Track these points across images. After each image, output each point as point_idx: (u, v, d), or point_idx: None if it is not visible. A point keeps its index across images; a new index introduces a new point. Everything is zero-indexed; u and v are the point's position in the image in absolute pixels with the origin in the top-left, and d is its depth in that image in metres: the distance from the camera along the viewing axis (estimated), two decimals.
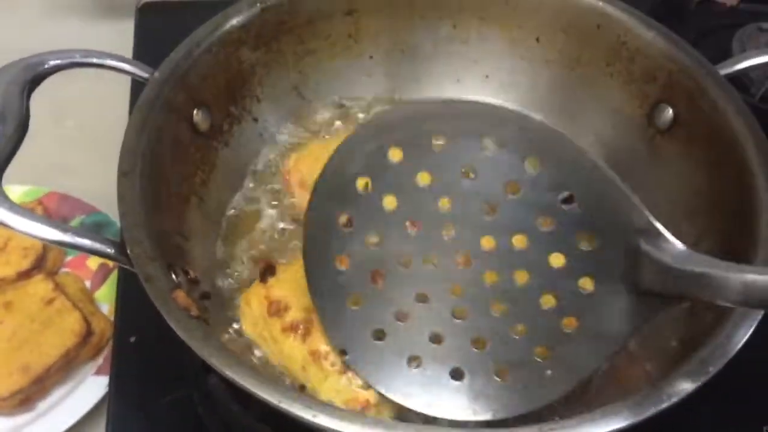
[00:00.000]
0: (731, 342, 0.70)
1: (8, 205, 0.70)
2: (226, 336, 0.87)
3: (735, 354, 0.69)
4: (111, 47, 1.37)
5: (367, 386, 0.80)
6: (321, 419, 0.63)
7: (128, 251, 0.73)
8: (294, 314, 0.83)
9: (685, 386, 0.67)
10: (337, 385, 0.81)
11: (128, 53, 1.36)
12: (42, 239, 0.71)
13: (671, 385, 0.67)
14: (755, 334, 0.71)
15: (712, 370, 0.68)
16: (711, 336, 0.71)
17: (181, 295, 0.71)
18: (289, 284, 0.86)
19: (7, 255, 1.18)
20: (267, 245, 0.96)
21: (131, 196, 0.77)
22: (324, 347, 0.81)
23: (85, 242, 0.72)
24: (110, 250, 0.73)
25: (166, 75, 0.87)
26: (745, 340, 0.70)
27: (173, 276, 0.76)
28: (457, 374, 0.77)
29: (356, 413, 0.69)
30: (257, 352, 0.86)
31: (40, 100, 0.91)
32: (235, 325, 0.88)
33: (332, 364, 0.81)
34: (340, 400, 0.80)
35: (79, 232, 0.73)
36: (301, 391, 0.82)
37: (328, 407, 0.64)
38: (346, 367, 0.80)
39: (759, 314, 0.71)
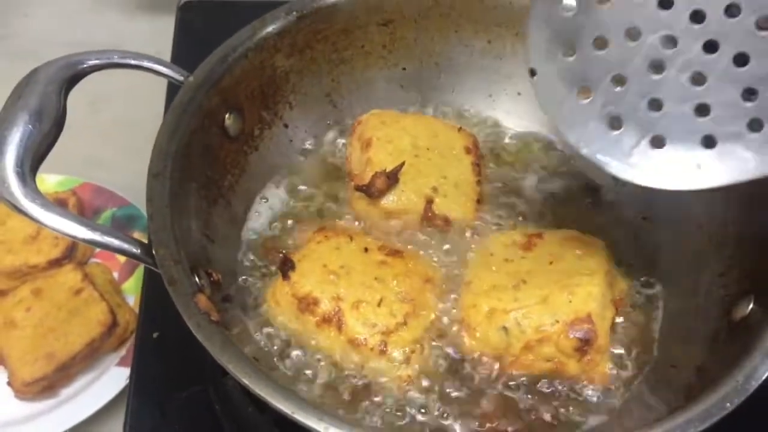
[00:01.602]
0: (751, 380, 0.69)
1: (41, 202, 0.72)
2: (258, 336, 0.88)
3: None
4: (151, 43, 1.41)
5: (407, 363, 0.83)
6: None
7: (154, 253, 0.74)
8: (324, 306, 0.85)
9: (703, 421, 0.67)
10: (378, 366, 0.84)
11: (168, 49, 1.38)
12: (71, 237, 0.72)
13: (689, 419, 0.68)
14: None
15: (730, 406, 0.67)
16: (731, 371, 0.71)
17: (202, 299, 0.72)
18: (312, 276, 0.87)
19: (38, 243, 1.21)
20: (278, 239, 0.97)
21: (160, 197, 0.79)
22: (362, 335, 0.83)
23: (113, 241, 0.74)
24: (137, 251, 0.75)
25: (200, 79, 0.89)
26: (764, 378, 0.69)
27: (196, 279, 0.77)
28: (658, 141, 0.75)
29: (364, 428, 0.70)
30: (295, 346, 0.87)
31: (78, 92, 0.92)
32: (266, 324, 0.89)
33: (371, 349, 0.84)
34: (385, 380, 0.84)
35: (107, 231, 0.75)
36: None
37: (339, 421, 0.65)
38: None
39: None
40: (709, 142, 0.73)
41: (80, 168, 1.35)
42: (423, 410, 0.83)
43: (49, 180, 1.31)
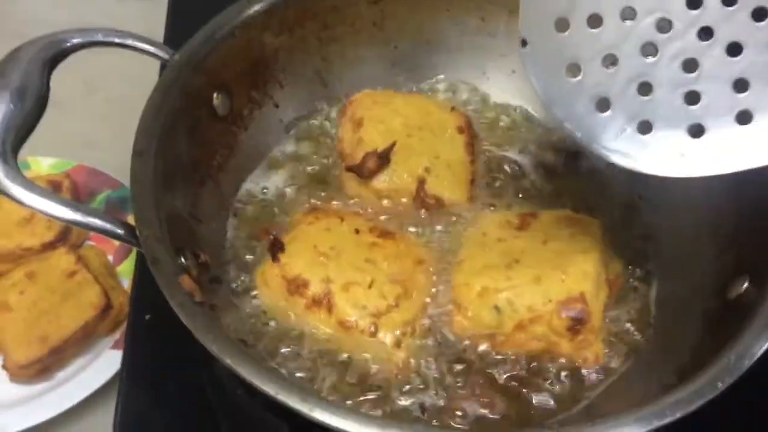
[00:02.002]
0: (743, 359, 0.68)
1: (22, 182, 0.71)
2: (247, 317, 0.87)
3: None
4: (145, 22, 1.39)
5: (398, 345, 0.83)
6: (317, 413, 0.64)
7: (137, 233, 0.73)
8: (314, 288, 0.85)
9: (693, 401, 0.66)
10: (369, 349, 0.83)
11: (162, 29, 1.36)
12: (53, 217, 0.72)
13: (679, 398, 0.66)
14: None
15: (721, 386, 0.66)
16: (724, 350, 0.70)
17: (186, 280, 0.72)
18: (302, 258, 0.87)
19: (32, 226, 1.20)
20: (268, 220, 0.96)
21: (144, 177, 0.78)
22: (352, 317, 0.83)
23: (96, 222, 0.73)
24: (120, 231, 0.74)
25: (186, 58, 0.88)
26: (756, 358, 0.68)
27: (182, 259, 0.76)
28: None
29: (350, 409, 0.70)
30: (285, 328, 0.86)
31: (73, 73, 0.91)
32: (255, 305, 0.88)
33: (362, 331, 0.83)
34: (376, 362, 0.83)
35: (89, 211, 0.74)
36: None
37: (324, 402, 0.64)
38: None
39: None
40: (696, 130, 0.72)
41: (75, 149, 1.34)
42: (414, 391, 0.82)
43: (43, 163, 1.31)
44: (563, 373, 0.83)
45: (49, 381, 1.10)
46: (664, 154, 0.73)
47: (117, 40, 0.86)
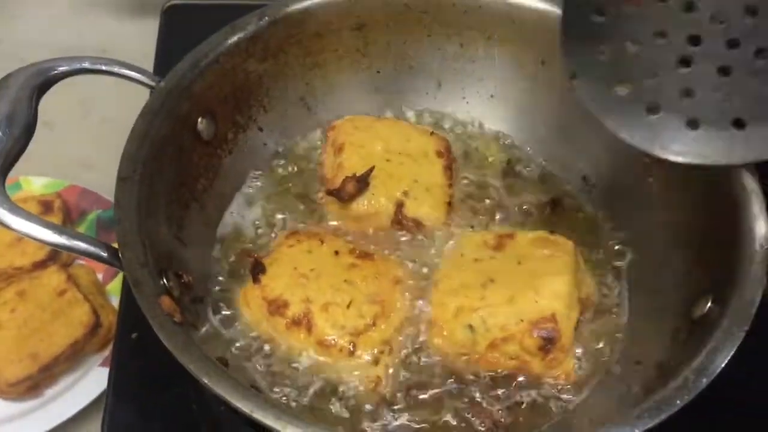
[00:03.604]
0: (701, 377, 0.71)
1: (8, 206, 0.73)
2: (227, 337, 0.89)
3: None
4: (138, 45, 1.42)
5: (376, 363, 0.85)
6: (291, 430, 0.66)
7: (119, 255, 0.76)
8: (294, 309, 0.87)
9: (652, 418, 0.68)
10: (347, 367, 0.86)
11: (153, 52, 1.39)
12: (38, 240, 0.74)
13: (639, 414, 0.69)
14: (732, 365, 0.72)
15: (680, 403, 0.69)
16: (684, 369, 0.72)
17: (166, 301, 0.74)
18: (282, 279, 0.89)
19: (23, 245, 1.22)
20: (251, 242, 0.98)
21: (128, 201, 0.80)
22: (331, 336, 0.85)
23: (80, 245, 0.76)
24: (104, 254, 0.77)
25: (171, 85, 0.90)
26: (715, 375, 0.71)
27: (164, 281, 0.78)
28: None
29: (324, 427, 0.72)
30: (266, 348, 0.89)
31: (67, 94, 0.93)
32: (237, 325, 0.90)
33: (340, 350, 0.85)
34: (354, 380, 0.85)
35: (74, 234, 0.76)
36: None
37: (298, 420, 0.66)
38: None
39: (732, 350, 0.72)
40: (738, 123, 0.80)
41: (69, 169, 1.37)
42: (391, 410, 0.84)
43: (35, 182, 1.33)
44: (534, 392, 0.86)
45: (38, 398, 1.12)
46: (714, 146, 0.81)
47: (104, 68, 0.89)
